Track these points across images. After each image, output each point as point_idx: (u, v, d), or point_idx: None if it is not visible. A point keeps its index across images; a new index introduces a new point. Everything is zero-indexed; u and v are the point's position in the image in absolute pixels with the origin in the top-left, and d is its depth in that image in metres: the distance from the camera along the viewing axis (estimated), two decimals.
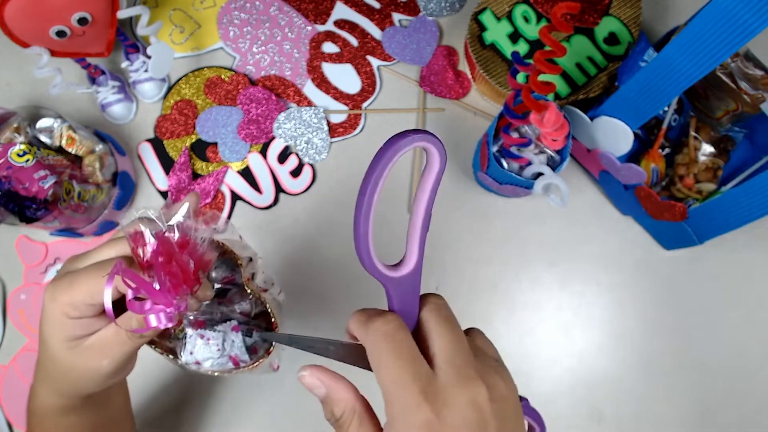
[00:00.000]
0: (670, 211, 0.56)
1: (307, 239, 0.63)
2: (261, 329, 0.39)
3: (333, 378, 0.27)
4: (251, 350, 0.37)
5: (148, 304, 0.28)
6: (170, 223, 0.30)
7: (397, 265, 0.26)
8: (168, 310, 0.28)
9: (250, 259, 0.38)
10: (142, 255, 0.29)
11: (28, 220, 0.51)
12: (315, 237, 0.63)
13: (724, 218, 0.52)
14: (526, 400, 0.32)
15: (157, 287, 0.28)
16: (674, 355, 0.61)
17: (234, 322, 0.37)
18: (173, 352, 0.37)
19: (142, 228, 0.29)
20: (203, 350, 0.36)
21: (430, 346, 0.25)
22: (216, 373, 0.37)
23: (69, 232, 0.58)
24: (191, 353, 0.36)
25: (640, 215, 0.61)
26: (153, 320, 0.28)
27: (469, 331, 0.29)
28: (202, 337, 0.35)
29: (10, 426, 0.58)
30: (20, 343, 0.59)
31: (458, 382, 0.24)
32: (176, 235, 0.30)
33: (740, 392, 0.60)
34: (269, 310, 0.38)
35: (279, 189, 0.64)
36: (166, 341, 0.38)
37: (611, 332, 0.61)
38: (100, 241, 0.61)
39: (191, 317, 0.36)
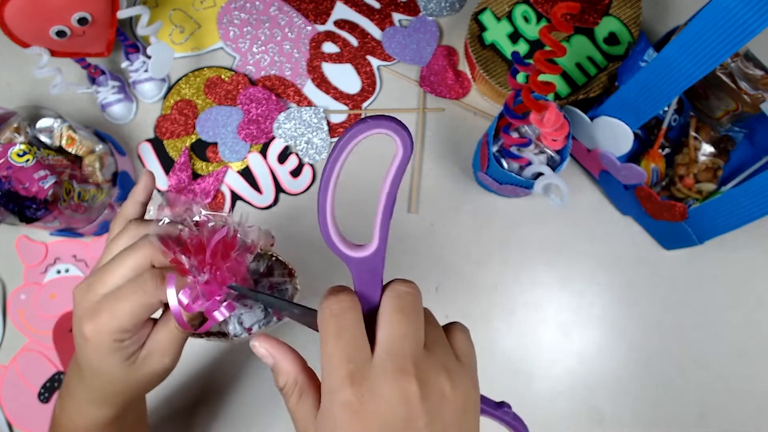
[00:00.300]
0: (670, 211, 0.56)
1: (307, 239, 0.63)
2: (287, 282, 0.39)
3: (280, 349, 0.27)
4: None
5: (201, 300, 0.29)
6: (195, 219, 0.31)
7: (360, 246, 0.26)
8: (218, 297, 0.30)
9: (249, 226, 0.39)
10: (183, 258, 0.29)
11: (28, 220, 0.51)
12: (315, 237, 0.63)
13: (724, 218, 0.52)
14: (508, 406, 0.31)
15: (203, 279, 0.29)
16: (674, 355, 0.61)
17: (265, 281, 0.38)
18: (219, 334, 0.38)
19: (178, 230, 0.30)
20: (250, 317, 0.36)
21: (378, 333, 0.25)
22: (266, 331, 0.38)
23: (69, 232, 0.58)
24: (240, 324, 0.36)
25: (640, 215, 0.61)
26: (218, 315, 0.30)
27: (449, 326, 0.29)
28: (245, 305, 0.36)
29: (10, 426, 0.58)
30: (20, 343, 0.59)
31: (390, 374, 0.24)
32: (206, 228, 0.30)
33: (740, 392, 0.60)
34: (279, 258, 0.39)
35: (279, 189, 0.64)
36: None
37: (611, 332, 0.61)
38: (101, 241, 0.62)
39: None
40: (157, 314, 0.33)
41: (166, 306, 0.31)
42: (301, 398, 0.26)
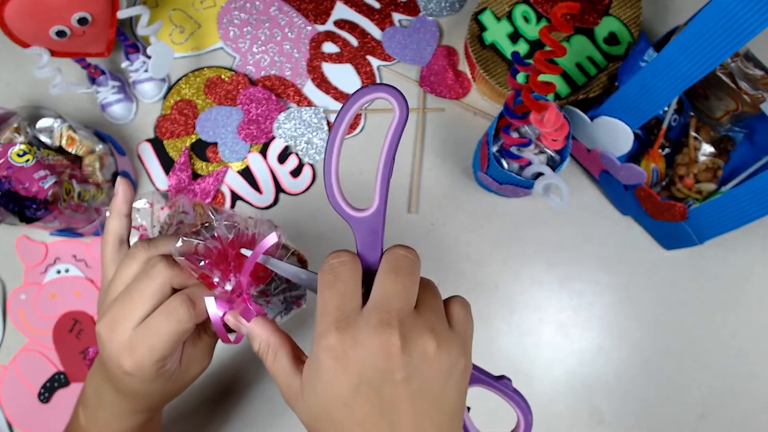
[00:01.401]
0: (670, 211, 0.56)
1: (307, 239, 0.63)
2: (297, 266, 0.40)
3: (255, 320, 0.30)
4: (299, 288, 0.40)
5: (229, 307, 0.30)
6: (207, 224, 0.32)
7: (362, 209, 0.28)
8: (251, 305, 0.31)
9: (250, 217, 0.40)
10: (208, 272, 0.30)
11: (28, 220, 0.51)
12: (315, 237, 0.63)
13: (724, 218, 0.52)
14: (508, 379, 0.31)
15: (230, 288, 0.30)
16: (674, 355, 0.61)
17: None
18: None
19: (194, 245, 0.30)
20: (271, 309, 0.37)
21: (372, 291, 0.27)
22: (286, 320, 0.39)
23: (69, 232, 0.58)
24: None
25: (640, 215, 0.61)
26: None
27: (450, 297, 0.30)
28: (266, 300, 0.36)
29: (10, 426, 0.58)
30: (20, 343, 0.59)
31: (374, 326, 0.24)
32: (223, 236, 0.31)
33: (740, 392, 0.60)
34: (292, 248, 0.39)
35: (279, 189, 0.64)
36: None
37: (611, 332, 0.61)
38: (100, 241, 0.61)
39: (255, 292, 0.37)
40: None
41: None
42: (276, 356, 0.29)
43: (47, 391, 0.58)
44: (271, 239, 0.30)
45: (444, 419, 0.25)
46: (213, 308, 0.30)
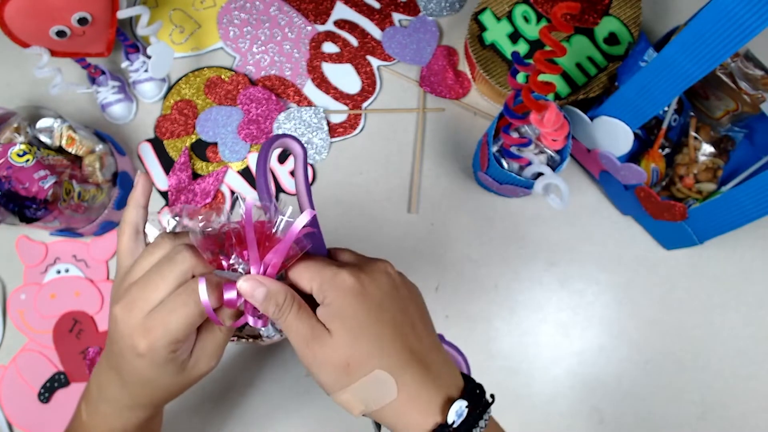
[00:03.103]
0: (670, 211, 0.56)
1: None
2: None
3: (265, 278, 0.30)
4: None
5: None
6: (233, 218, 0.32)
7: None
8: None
9: None
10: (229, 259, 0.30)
11: (28, 220, 0.51)
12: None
13: (724, 218, 0.52)
14: (441, 335, 0.35)
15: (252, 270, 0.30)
16: (674, 355, 0.61)
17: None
18: (252, 336, 0.38)
19: (215, 233, 0.31)
20: None
21: (341, 257, 0.34)
22: None
23: (69, 232, 0.58)
24: (273, 324, 0.37)
25: (640, 215, 0.61)
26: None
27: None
28: None
29: (10, 426, 0.58)
30: (20, 343, 0.59)
31: (366, 261, 0.33)
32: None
33: (740, 392, 0.60)
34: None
35: (279, 189, 0.64)
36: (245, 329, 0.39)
37: (611, 332, 0.61)
38: (101, 241, 0.62)
39: None
40: None
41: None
42: (300, 307, 0.30)
43: (47, 391, 0.58)
44: (304, 218, 0.30)
45: (432, 325, 0.35)
46: (204, 291, 0.29)
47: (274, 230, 0.30)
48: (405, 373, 0.30)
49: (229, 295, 0.30)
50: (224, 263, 0.30)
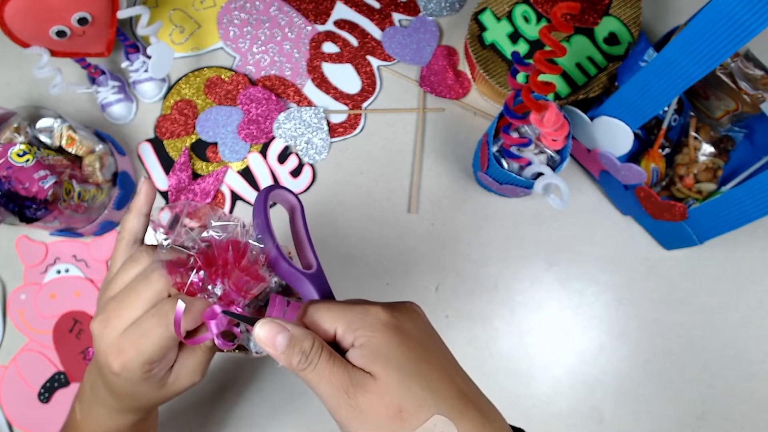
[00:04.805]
0: (670, 211, 0.56)
1: None
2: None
3: (286, 323, 0.28)
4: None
5: (218, 316, 0.29)
6: (204, 235, 0.31)
7: (307, 269, 0.33)
8: (238, 309, 0.30)
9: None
10: (195, 278, 0.29)
11: (28, 220, 0.51)
12: (314, 237, 0.63)
13: (724, 218, 0.52)
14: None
15: (219, 293, 0.29)
16: (674, 355, 0.61)
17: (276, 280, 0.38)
18: (243, 349, 0.38)
19: (185, 255, 0.30)
20: None
21: (361, 301, 0.31)
22: None
23: (69, 232, 0.58)
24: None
25: (640, 215, 0.61)
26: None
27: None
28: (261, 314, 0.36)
29: (10, 426, 0.58)
30: (20, 343, 0.59)
31: (391, 304, 0.30)
32: (215, 243, 0.30)
33: (740, 392, 0.60)
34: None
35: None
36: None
37: (611, 332, 0.61)
38: (101, 241, 0.62)
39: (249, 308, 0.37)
40: None
41: (191, 331, 0.31)
42: (331, 355, 0.27)
43: (47, 391, 0.58)
44: (233, 242, 0.30)
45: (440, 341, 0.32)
46: (180, 307, 0.29)
47: (249, 253, 0.30)
48: (463, 417, 0.26)
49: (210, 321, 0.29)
50: (195, 279, 0.29)
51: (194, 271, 0.29)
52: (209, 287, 0.29)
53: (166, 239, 0.31)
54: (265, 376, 0.59)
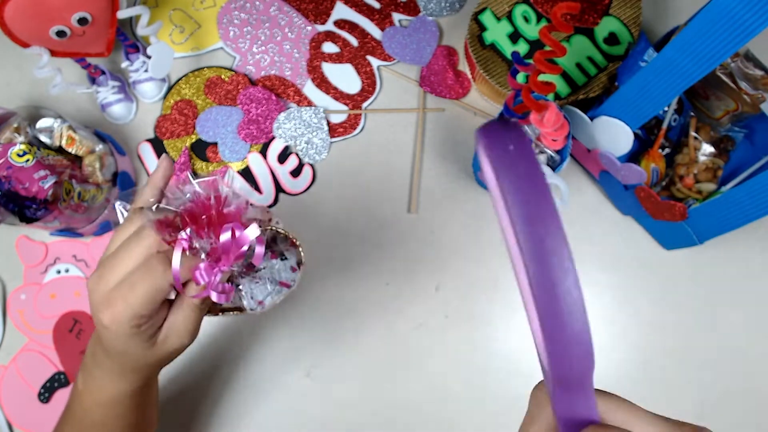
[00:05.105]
0: (670, 211, 0.56)
1: (307, 239, 0.63)
2: (289, 250, 0.41)
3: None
4: (292, 270, 0.40)
5: (210, 270, 0.30)
6: (188, 195, 0.32)
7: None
8: (225, 268, 0.31)
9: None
10: (182, 235, 0.30)
11: (28, 220, 0.51)
12: (315, 237, 0.63)
13: (724, 218, 0.52)
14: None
15: (207, 248, 0.30)
16: (674, 355, 0.61)
17: (269, 252, 0.39)
18: (236, 309, 0.39)
19: (173, 213, 0.31)
20: (260, 290, 0.38)
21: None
22: (278, 302, 0.40)
23: (69, 232, 0.58)
24: (252, 298, 0.38)
25: (640, 215, 0.61)
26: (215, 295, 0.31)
27: None
28: (253, 279, 0.38)
29: (10, 426, 0.58)
30: (20, 343, 0.59)
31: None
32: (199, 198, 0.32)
33: (740, 392, 0.60)
34: (284, 233, 0.40)
35: (279, 189, 0.64)
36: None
37: (611, 332, 0.61)
38: (101, 241, 0.62)
39: (236, 269, 0.38)
40: (172, 295, 0.34)
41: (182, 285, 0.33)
42: None
43: (47, 391, 0.58)
44: (252, 233, 0.31)
45: None
46: (177, 260, 0.30)
47: (225, 206, 0.31)
48: None
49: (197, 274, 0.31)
50: (183, 236, 0.31)
51: (181, 228, 0.31)
52: (196, 244, 0.31)
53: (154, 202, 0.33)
54: (266, 377, 0.59)
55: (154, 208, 0.32)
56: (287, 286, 0.40)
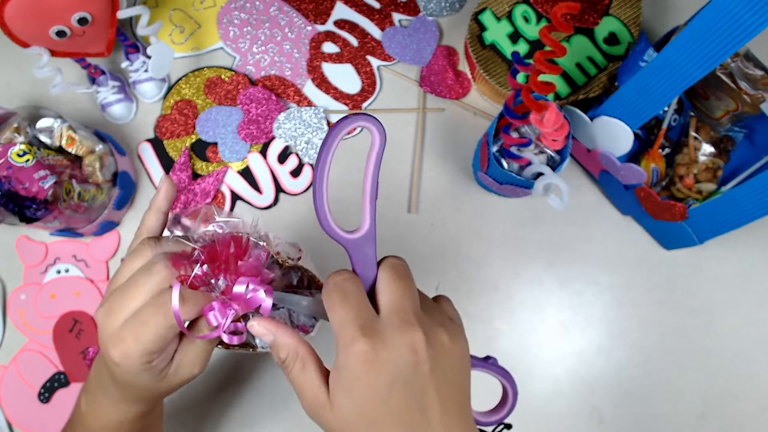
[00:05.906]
0: (670, 211, 0.56)
1: (307, 239, 0.63)
2: (311, 294, 0.39)
3: (278, 326, 0.30)
4: (310, 317, 0.40)
5: (224, 311, 0.29)
6: (209, 230, 0.31)
7: (353, 231, 0.30)
8: (239, 308, 0.30)
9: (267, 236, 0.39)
10: (198, 271, 0.29)
11: (28, 220, 0.51)
12: (315, 237, 0.63)
13: (724, 218, 0.52)
14: (494, 359, 0.35)
15: (220, 289, 0.29)
16: (674, 355, 0.61)
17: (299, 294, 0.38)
18: (247, 345, 0.38)
19: (189, 247, 0.30)
20: None
21: (379, 299, 0.29)
22: None
23: (69, 232, 0.58)
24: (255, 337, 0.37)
25: (640, 215, 0.61)
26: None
27: (436, 297, 0.33)
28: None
29: (10, 426, 0.58)
30: (20, 343, 0.59)
31: (398, 326, 0.27)
32: (220, 238, 0.30)
33: (740, 392, 0.60)
34: (310, 273, 0.39)
35: (279, 189, 0.64)
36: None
37: (611, 332, 0.61)
38: (101, 241, 0.62)
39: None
40: None
41: (191, 322, 0.32)
42: (304, 366, 0.29)
43: (47, 391, 0.58)
44: (264, 300, 0.29)
45: (464, 400, 0.29)
46: (176, 299, 0.29)
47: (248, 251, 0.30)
48: None
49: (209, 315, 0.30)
50: (199, 273, 0.30)
51: (198, 264, 0.29)
52: (212, 281, 0.30)
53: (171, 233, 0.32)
54: (264, 376, 0.59)
55: (171, 237, 0.31)
56: (305, 332, 0.38)
